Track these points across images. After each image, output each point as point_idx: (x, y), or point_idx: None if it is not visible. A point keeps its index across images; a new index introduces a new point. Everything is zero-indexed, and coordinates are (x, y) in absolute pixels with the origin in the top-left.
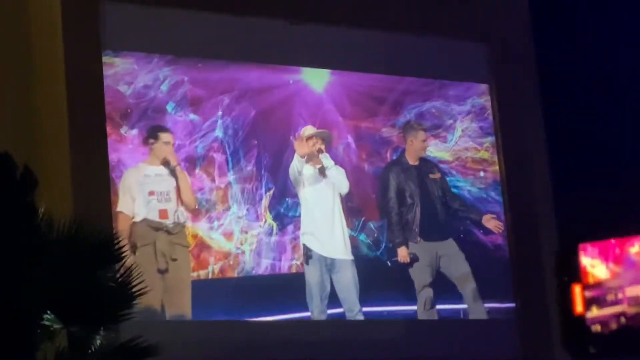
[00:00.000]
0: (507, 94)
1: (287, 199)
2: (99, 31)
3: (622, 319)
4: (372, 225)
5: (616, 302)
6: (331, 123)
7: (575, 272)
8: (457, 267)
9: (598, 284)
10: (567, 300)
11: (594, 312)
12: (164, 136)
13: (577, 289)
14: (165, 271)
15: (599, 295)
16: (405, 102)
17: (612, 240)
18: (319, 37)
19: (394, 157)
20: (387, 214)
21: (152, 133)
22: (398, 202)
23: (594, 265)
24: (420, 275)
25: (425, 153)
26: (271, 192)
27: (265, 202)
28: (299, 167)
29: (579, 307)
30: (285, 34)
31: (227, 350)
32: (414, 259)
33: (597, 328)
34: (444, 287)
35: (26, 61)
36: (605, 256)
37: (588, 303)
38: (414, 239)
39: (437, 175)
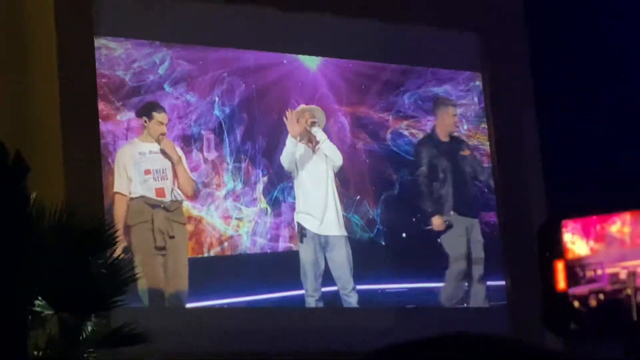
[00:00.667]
0: (500, 84)
1: (282, 183)
2: (92, 17)
3: (601, 296)
4: (367, 205)
5: (595, 279)
6: (326, 103)
7: (558, 248)
8: (476, 252)
9: (578, 260)
10: (549, 276)
11: (573, 288)
12: (159, 116)
13: (559, 265)
14: (163, 249)
15: (578, 272)
16: (401, 86)
17: (595, 217)
18: (312, 25)
19: (389, 137)
20: (416, 186)
21: (146, 111)
22: (429, 176)
23: (574, 241)
24: (455, 247)
25: (456, 128)
26: (266, 177)
27: (260, 186)
28: (292, 149)
29: (561, 284)
30: (278, 22)
31: (220, 338)
32: (449, 226)
33: (575, 304)
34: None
35: (18, 49)
36: (586, 233)
37: (568, 279)
38: (447, 212)
39: (467, 152)
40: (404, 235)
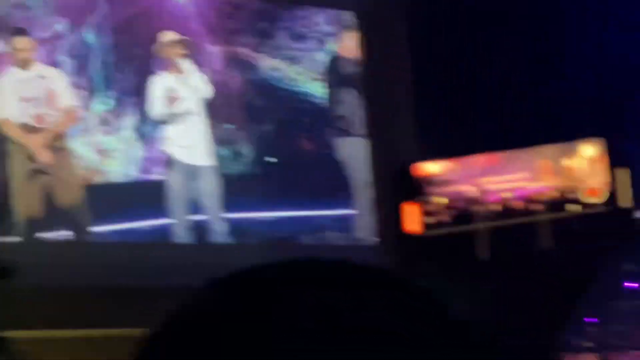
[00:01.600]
0: (373, 22)
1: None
2: None
3: (452, 212)
4: (238, 137)
5: (446, 196)
6: (197, 34)
7: (408, 192)
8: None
9: (430, 177)
10: (400, 219)
11: (425, 203)
12: (21, 41)
13: (412, 209)
14: (42, 172)
15: (430, 188)
16: (274, 21)
17: (447, 160)
18: None
19: (261, 70)
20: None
21: (9, 37)
22: (338, 95)
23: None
24: (361, 171)
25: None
26: (137, 111)
27: (130, 119)
28: (164, 112)
29: (413, 226)
30: None
31: (85, 273)
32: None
33: (429, 220)
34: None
35: None
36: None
37: (421, 196)
38: (355, 134)
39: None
40: (274, 160)
